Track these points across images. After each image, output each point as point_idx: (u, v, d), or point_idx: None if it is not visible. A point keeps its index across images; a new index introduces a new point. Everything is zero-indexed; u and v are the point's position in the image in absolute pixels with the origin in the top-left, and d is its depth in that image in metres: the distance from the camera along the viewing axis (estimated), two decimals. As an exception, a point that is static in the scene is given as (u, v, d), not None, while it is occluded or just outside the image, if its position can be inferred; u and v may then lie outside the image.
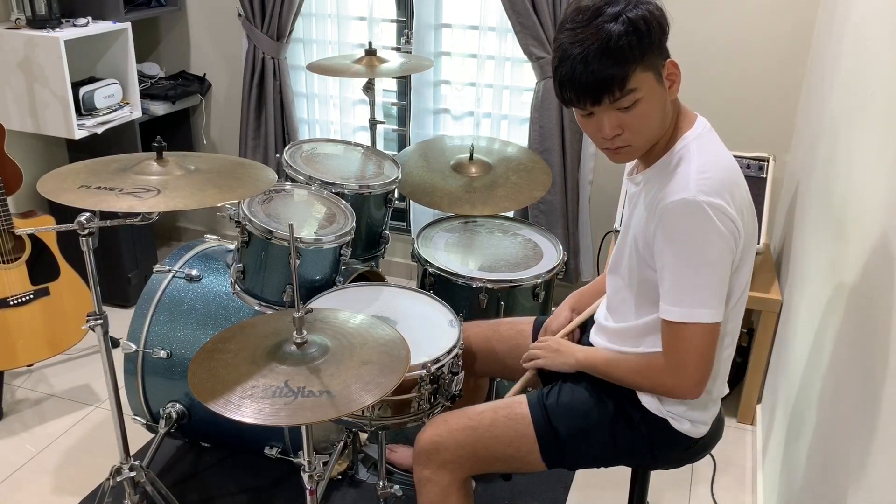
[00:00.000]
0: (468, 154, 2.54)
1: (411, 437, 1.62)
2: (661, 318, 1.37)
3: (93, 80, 2.97)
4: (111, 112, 2.96)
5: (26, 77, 2.78)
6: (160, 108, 3.27)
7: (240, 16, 3.20)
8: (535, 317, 1.86)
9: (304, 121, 3.42)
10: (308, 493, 1.55)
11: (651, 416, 1.50)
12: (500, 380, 2.21)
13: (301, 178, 2.23)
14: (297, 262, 1.93)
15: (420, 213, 3.29)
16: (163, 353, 2.09)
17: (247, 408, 1.30)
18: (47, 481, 2.29)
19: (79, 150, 3.06)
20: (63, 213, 2.41)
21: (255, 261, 2.00)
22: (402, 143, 3.35)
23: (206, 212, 3.75)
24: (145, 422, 2.21)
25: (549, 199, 2.98)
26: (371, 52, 2.51)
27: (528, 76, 2.98)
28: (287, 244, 1.93)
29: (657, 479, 2.30)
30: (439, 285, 2.19)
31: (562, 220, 3.01)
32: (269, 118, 3.28)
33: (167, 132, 3.53)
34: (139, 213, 1.63)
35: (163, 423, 2.13)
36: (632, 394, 1.51)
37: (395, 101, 3.33)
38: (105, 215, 1.64)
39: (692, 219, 1.30)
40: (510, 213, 2.67)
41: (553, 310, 1.84)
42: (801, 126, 2.57)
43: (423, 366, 1.70)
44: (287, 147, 2.38)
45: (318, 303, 1.92)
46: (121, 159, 1.73)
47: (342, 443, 2.24)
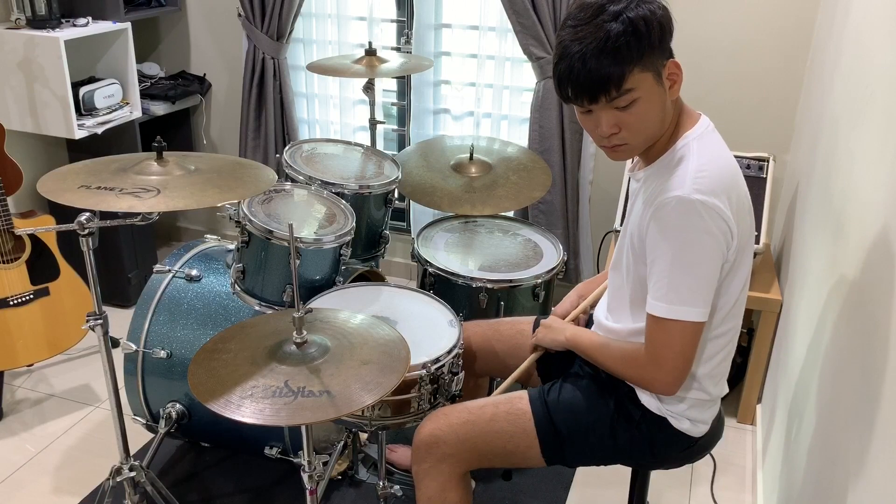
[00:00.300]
0: (468, 154, 2.54)
1: (411, 437, 1.61)
2: (647, 311, 1.38)
3: (93, 80, 2.97)
4: (111, 112, 2.96)
5: (26, 77, 2.78)
6: (160, 108, 3.27)
7: (240, 16, 3.20)
8: (535, 316, 1.86)
9: (304, 121, 3.42)
10: (308, 493, 1.55)
11: (651, 414, 1.50)
12: (500, 379, 2.20)
13: (301, 178, 2.23)
14: (297, 262, 1.94)
15: (420, 213, 3.29)
16: (163, 353, 2.09)
17: (247, 408, 1.30)
18: (47, 481, 2.29)
19: (79, 150, 3.06)
20: (63, 213, 2.41)
21: (255, 261, 2.00)
22: (402, 143, 3.35)
23: (206, 212, 3.75)
24: (145, 422, 2.21)
25: (549, 199, 2.98)
26: (371, 52, 2.51)
27: (528, 76, 2.98)
28: (287, 244, 1.93)
29: (657, 479, 2.30)
30: (439, 285, 2.19)
31: (562, 220, 3.01)
32: (269, 118, 3.28)
33: (167, 132, 3.54)
34: (139, 213, 1.63)
35: (163, 423, 2.13)
36: (632, 392, 1.52)
37: (395, 101, 3.33)
38: (105, 215, 1.64)
39: (685, 217, 1.30)
40: (510, 213, 2.67)
41: (553, 309, 1.84)
42: (801, 126, 2.57)
43: (423, 366, 1.70)
44: (287, 147, 2.38)
45: (318, 303, 1.92)
46: (121, 159, 1.73)
47: (342, 443, 2.24)
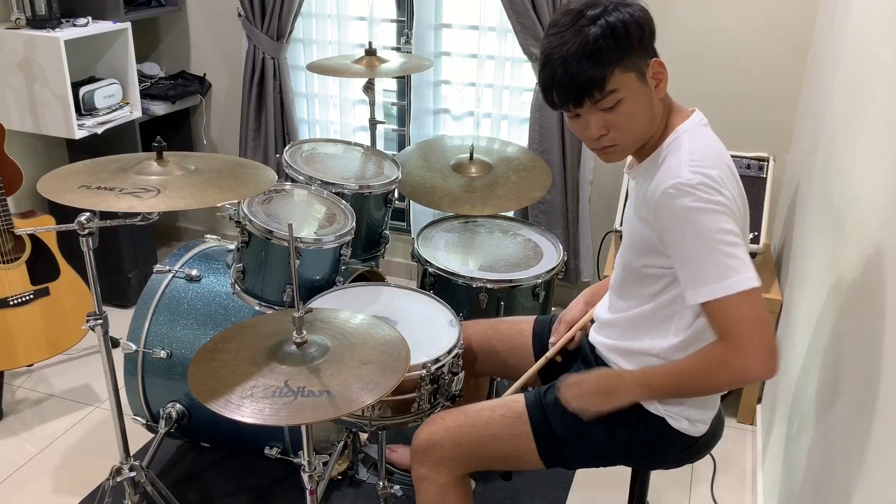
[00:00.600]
0: (468, 154, 2.54)
1: (411, 437, 1.61)
2: (697, 302, 1.31)
3: (93, 80, 2.97)
4: (111, 112, 2.96)
5: (26, 77, 2.78)
6: (160, 108, 3.27)
7: (240, 16, 3.20)
8: (535, 316, 1.86)
9: (304, 121, 3.42)
10: (308, 493, 1.55)
11: (649, 414, 1.50)
12: (500, 379, 2.21)
13: (301, 178, 2.23)
14: (297, 262, 1.94)
15: (420, 213, 3.29)
16: (163, 353, 2.09)
17: (247, 408, 1.30)
18: (47, 481, 2.29)
19: (79, 150, 3.06)
20: (63, 213, 2.41)
21: (255, 261, 2.00)
22: (402, 143, 3.35)
23: (206, 212, 3.75)
24: (145, 422, 2.21)
25: (549, 199, 2.98)
26: (371, 52, 2.51)
27: (528, 76, 2.98)
28: (287, 244, 1.93)
29: (657, 479, 2.30)
30: (439, 285, 2.19)
31: (562, 220, 3.01)
32: (269, 118, 3.28)
33: (167, 132, 3.53)
34: (139, 213, 1.63)
35: (163, 423, 2.13)
36: (630, 392, 1.51)
37: (395, 101, 3.33)
38: (105, 215, 1.64)
39: (689, 198, 1.28)
40: (510, 213, 2.67)
41: (553, 310, 1.84)
42: (801, 126, 2.57)
43: (424, 366, 1.70)
44: (287, 147, 2.38)
45: (318, 303, 1.92)
46: (121, 159, 1.73)
47: (342, 443, 2.24)
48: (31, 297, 2.49)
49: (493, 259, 2.27)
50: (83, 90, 2.85)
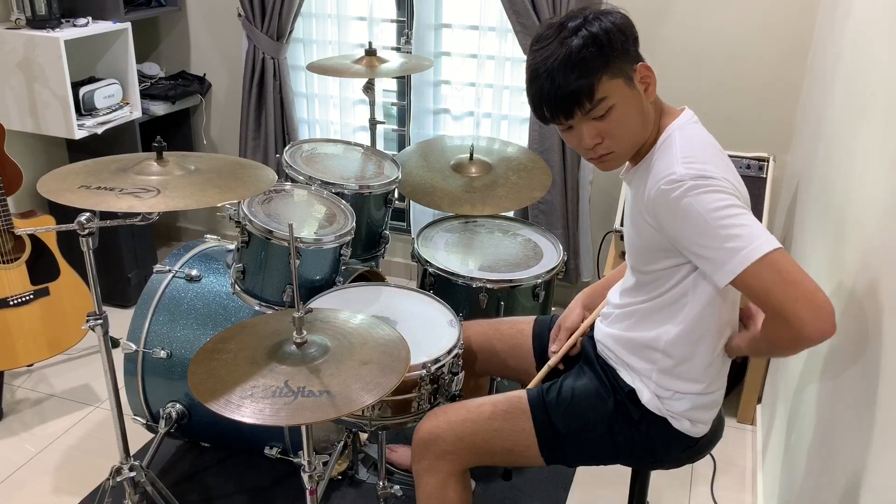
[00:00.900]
0: (468, 154, 2.54)
1: (411, 437, 1.61)
2: (725, 286, 1.27)
3: (93, 80, 2.97)
4: (111, 112, 2.96)
5: (26, 77, 2.78)
6: (160, 108, 3.27)
7: (240, 16, 3.20)
8: (535, 316, 1.86)
9: (304, 121, 3.42)
10: (308, 493, 1.55)
11: (651, 414, 1.50)
12: (499, 379, 2.21)
13: (301, 178, 2.23)
14: (297, 262, 1.94)
15: (420, 213, 3.29)
16: (163, 353, 2.09)
17: (247, 408, 1.30)
18: (47, 481, 2.29)
19: (79, 150, 3.06)
20: (63, 213, 2.41)
21: (255, 261, 2.00)
22: (402, 143, 3.35)
23: (206, 212, 3.75)
24: (145, 422, 2.21)
25: (549, 199, 2.98)
26: (371, 52, 2.51)
27: (528, 76, 2.97)
28: (287, 244, 1.93)
29: (657, 479, 2.30)
30: (439, 285, 2.19)
31: (562, 220, 3.01)
32: (269, 118, 3.28)
33: (167, 132, 3.53)
34: (139, 213, 1.63)
35: (163, 423, 2.13)
36: (632, 392, 1.52)
37: (395, 101, 3.33)
38: (105, 215, 1.64)
39: (681, 190, 1.28)
40: (510, 213, 2.67)
41: (553, 310, 1.84)
42: (801, 126, 2.57)
43: (423, 366, 1.70)
44: (287, 147, 2.38)
45: (318, 303, 1.92)
46: (121, 159, 1.73)
47: (342, 443, 2.24)
48: (31, 297, 2.49)
49: (493, 259, 2.27)
50: (83, 90, 2.85)
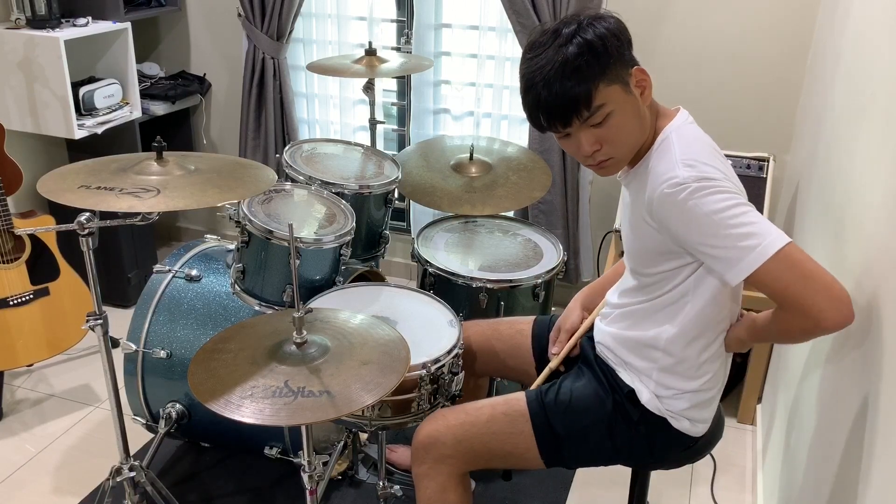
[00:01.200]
0: (468, 154, 2.54)
1: (411, 438, 1.61)
2: (743, 280, 1.27)
3: (93, 80, 2.97)
4: (111, 112, 2.96)
5: (26, 77, 2.78)
6: (160, 108, 3.27)
7: (240, 16, 3.20)
8: (534, 316, 1.86)
9: (304, 121, 3.42)
10: (308, 493, 1.55)
11: (650, 414, 1.50)
12: (499, 380, 2.21)
13: (301, 178, 2.23)
14: (297, 262, 1.94)
15: (420, 213, 3.29)
16: (163, 353, 2.09)
17: (247, 408, 1.30)
18: (47, 481, 2.29)
19: (79, 150, 3.06)
20: (63, 213, 2.41)
21: (255, 261, 2.00)
22: (402, 143, 3.35)
23: (206, 212, 3.75)
24: (145, 422, 2.21)
25: (549, 199, 2.98)
26: (371, 52, 2.52)
27: (528, 76, 2.97)
28: (287, 244, 1.93)
29: (657, 479, 2.30)
30: (439, 285, 2.19)
31: (562, 220, 3.01)
32: (269, 118, 3.28)
33: (167, 132, 3.53)
34: (139, 213, 1.63)
35: (163, 423, 2.13)
36: (631, 393, 1.52)
37: (395, 101, 3.33)
38: (105, 215, 1.64)
39: (686, 192, 1.27)
40: (510, 213, 2.67)
41: (553, 310, 1.84)
42: (801, 126, 2.57)
43: (423, 366, 1.70)
44: (287, 147, 2.38)
45: (318, 303, 1.92)
46: (121, 159, 1.73)
47: (342, 443, 2.24)
48: (31, 297, 2.49)
49: (493, 259, 2.27)
50: (83, 90, 2.85)
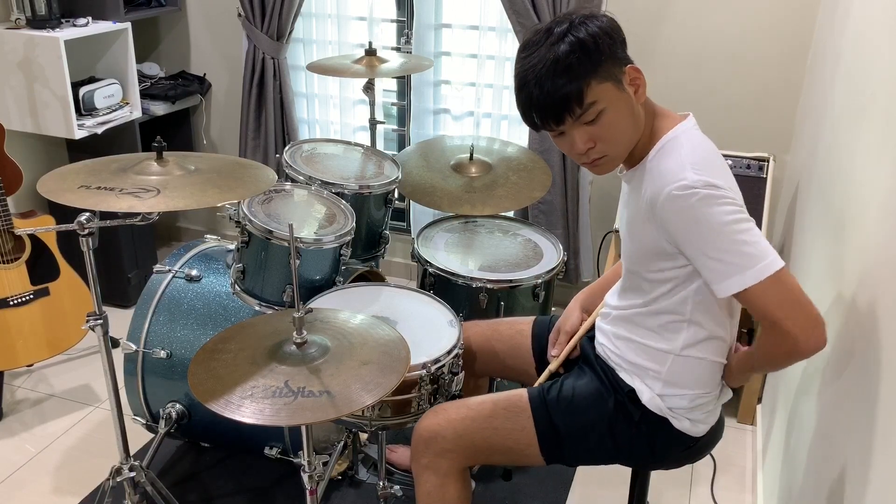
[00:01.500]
0: (468, 154, 2.54)
1: (411, 437, 1.61)
2: (730, 295, 1.30)
3: (93, 80, 2.97)
4: (111, 112, 2.96)
5: (26, 77, 2.78)
6: (160, 108, 3.27)
7: (240, 16, 3.20)
8: (534, 317, 1.86)
9: (304, 121, 3.42)
10: (308, 493, 1.55)
11: (651, 414, 1.50)
12: (499, 380, 2.21)
13: (301, 178, 2.23)
14: (297, 262, 1.93)
15: (420, 213, 3.29)
16: (163, 353, 2.09)
17: (247, 408, 1.30)
18: (47, 481, 2.29)
19: (79, 150, 3.06)
20: (63, 213, 2.41)
21: (255, 261, 2.00)
22: (402, 143, 3.35)
23: (206, 212, 3.75)
24: (145, 422, 2.21)
25: (549, 199, 2.98)
26: (371, 52, 2.51)
27: (528, 76, 2.97)
28: (287, 244, 1.93)
29: (657, 479, 2.30)
30: (439, 285, 2.19)
31: (562, 220, 3.01)
32: (269, 118, 3.28)
33: (167, 132, 3.53)
34: (139, 213, 1.63)
35: (163, 423, 2.13)
36: (632, 392, 1.51)
37: (395, 101, 3.33)
38: (105, 215, 1.64)
39: (696, 198, 1.28)
40: (510, 213, 2.67)
41: (553, 310, 1.84)
42: (801, 126, 2.57)
43: (424, 366, 1.70)
44: (287, 147, 2.38)
45: (318, 303, 1.92)
46: (121, 159, 1.73)
47: (342, 443, 2.24)
48: (31, 297, 2.49)
49: (493, 259, 2.27)
50: (83, 90, 2.85)
